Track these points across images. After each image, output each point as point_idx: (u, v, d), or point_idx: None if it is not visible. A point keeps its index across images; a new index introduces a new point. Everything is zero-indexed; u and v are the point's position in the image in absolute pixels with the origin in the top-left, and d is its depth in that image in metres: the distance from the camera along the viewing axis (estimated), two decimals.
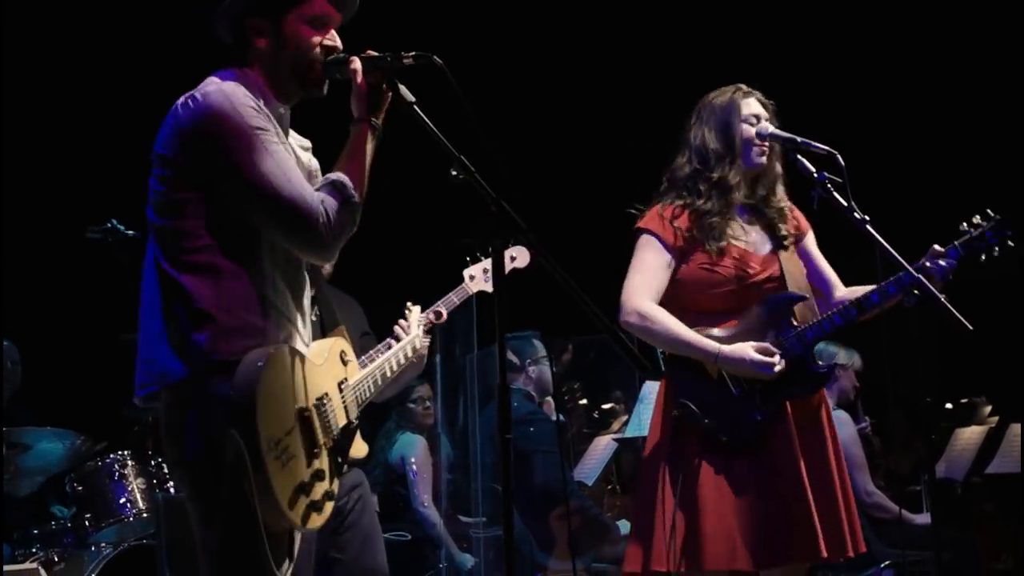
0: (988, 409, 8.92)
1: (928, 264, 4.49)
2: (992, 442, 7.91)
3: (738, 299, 4.56)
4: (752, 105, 4.68)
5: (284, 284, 3.48)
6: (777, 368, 4.44)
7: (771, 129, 4.62)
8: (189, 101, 3.40)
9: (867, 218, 4.37)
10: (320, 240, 3.36)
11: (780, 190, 4.71)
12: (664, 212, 4.63)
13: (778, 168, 4.69)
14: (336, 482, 3.51)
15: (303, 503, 3.32)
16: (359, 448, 3.69)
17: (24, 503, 7.05)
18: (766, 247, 4.65)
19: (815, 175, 4.45)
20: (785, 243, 4.67)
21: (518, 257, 5.29)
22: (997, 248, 4.56)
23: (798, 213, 4.78)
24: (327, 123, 3.63)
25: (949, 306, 4.29)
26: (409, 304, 4.88)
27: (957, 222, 4.61)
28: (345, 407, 3.58)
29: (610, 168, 9.28)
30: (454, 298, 5.18)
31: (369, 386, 3.77)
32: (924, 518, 7.28)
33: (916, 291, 4.37)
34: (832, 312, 4.56)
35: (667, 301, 4.59)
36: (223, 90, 3.39)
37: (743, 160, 4.64)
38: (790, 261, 4.66)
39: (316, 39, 3.52)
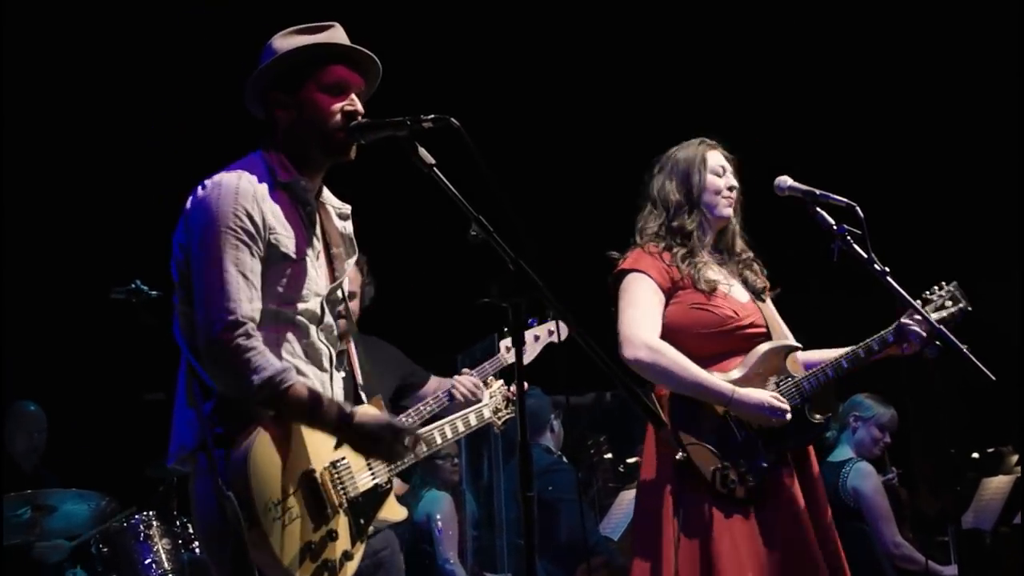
0: (1015, 458, 8.85)
1: (905, 327, 4.51)
2: (1020, 491, 7.85)
3: (725, 343, 4.56)
4: (718, 157, 4.73)
5: (302, 354, 3.58)
6: (787, 417, 4.44)
7: (790, 182, 4.62)
8: (194, 190, 3.53)
9: (887, 269, 4.38)
10: (206, 346, 3.38)
11: (740, 243, 4.74)
12: (649, 250, 4.64)
13: (738, 223, 4.74)
14: (360, 544, 3.58)
15: (313, 563, 3.41)
16: (393, 511, 3.75)
17: (49, 569, 7.06)
18: (745, 295, 4.67)
19: (835, 228, 4.46)
20: (762, 296, 4.70)
21: (556, 332, 5.31)
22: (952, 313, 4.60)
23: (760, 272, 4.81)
24: (363, 182, 3.67)
25: (971, 357, 4.29)
26: (491, 378, 4.84)
27: (973, 268, 4.64)
28: (371, 471, 3.65)
29: (624, 222, 9.30)
30: (488, 368, 5.19)
31: None
32: (952, 570, 7.22)
33: (938, 343, 4.37)
34: (826, 365, 4.58)
35: None
36: (217, 182, 3.50)
37: (709, 211, 4.67)
38: (771, 312, 4.69)
39: (335, 106, 3.57)
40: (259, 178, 3.53)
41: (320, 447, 3.52)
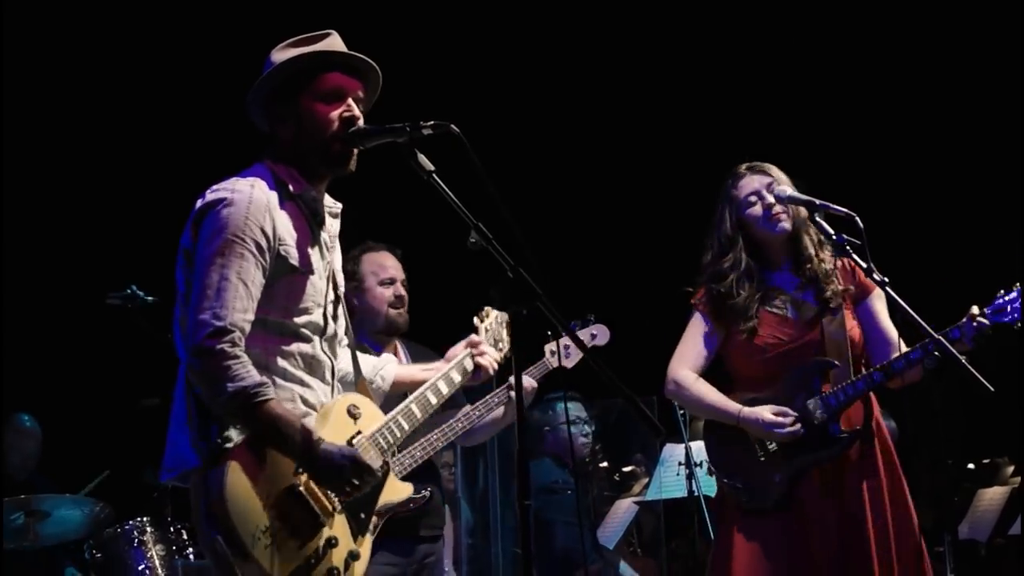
0: (1011, 469, 8.83)
1: (964, 324, 4.48)
2: (1016, 503, 7.84)
3: (778, 365, 4.65)
4: (749, 184, 4.74)
5: (305, 367, 3.57)
6: (788, 430, 4.51)
7: (789, 192, 4.63)
8: (203, 194, 3.50)
9: (886, 280, 4.36)
10: (190, 349, 3.37)
11: (823, 253, 4.72)
12: (707, 291, 4.78)
13: (804, 227, 4.72)
14: (365, 538, 3.55)
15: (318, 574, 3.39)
16: (396, 491, 3.70)
17: (39, 571, 7.04)
18: (808, 312, 4.69)
19: (834, 237, 4.46)
20: (831, 304, 4.68)
21: (598, 335, 5.34)
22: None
23: (859, 273, 4.74)
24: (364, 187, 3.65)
25: (970, 368, 4.28)
26: (487, 309, 4.26)
27: (971, 278, 4.62)
28: None
29: (626, 228, 9.30)
30: (534, 371, 5.17)
31: (399, 425, 3.74)
32: None
33: (937, 353, 4.35)
34: (856, 379, 4.57)
35: (720, 370, 4.76)
36: (231, 188, 3.48)
37: (765, 235, 4.71)
38: (836, 324, 4.67)
39: (333, 113, 3.57)
40: (269, 188, 3.52)
41: None
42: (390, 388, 4.04)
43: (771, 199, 4.69)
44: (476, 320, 4.18)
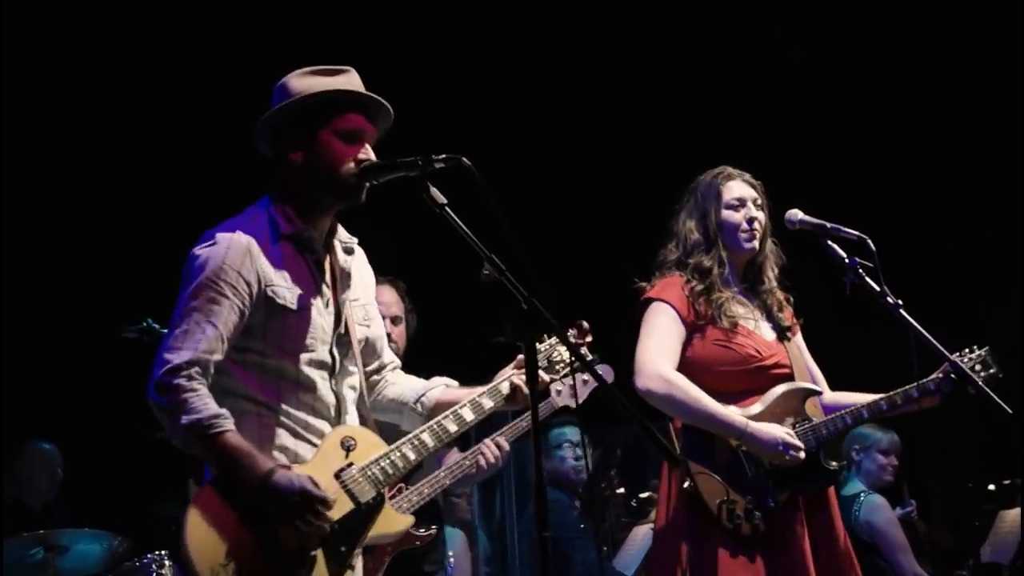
0: None
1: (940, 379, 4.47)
2: None
3: (748, 381, 4.52)
4: (735, 188, 4.67)
5: (310, 407, 3.58)
6: (800, 455, 4.38)
7: (801, 216, 4.60)
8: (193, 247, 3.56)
9: (900, 302, 4.36)
10: (151, 387, 3.41)
11: (770, 276, 4.68)
12: (676, 281, 4.60)
13: (768, 252, 4.69)
14: (345, 572, 3.47)
15: None
16: (392, 523, 3.61)
17: None
18: (771, 333, 4.63)
19: (847, 261, 4.45)
20: (788, 334, 4.65)
21: (604, 373, 4.98)
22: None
23: (788, 309, 4.75)
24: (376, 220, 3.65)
25: (988, 390, 4.27)
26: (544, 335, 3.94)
27: (986, 297, 4.62)
28: (350, 493, 3.52)
29: (634, 255, 9.28)
30: (543, 409, 5.04)
31: (403, 456, 3.64)
32: None
33: (953, 375, 4.35)
34: (845, 413, 4.51)
35: None
36: (212, 239, 3.52)
37: (732, 246, 4.63)
38: (792, 351, 4.64)
39: (349, 154, 3.57)
40: (259, 231, 3.55)
41: None
42: (431, 412, 3.85)
43: (755, 212, 4.64)
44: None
